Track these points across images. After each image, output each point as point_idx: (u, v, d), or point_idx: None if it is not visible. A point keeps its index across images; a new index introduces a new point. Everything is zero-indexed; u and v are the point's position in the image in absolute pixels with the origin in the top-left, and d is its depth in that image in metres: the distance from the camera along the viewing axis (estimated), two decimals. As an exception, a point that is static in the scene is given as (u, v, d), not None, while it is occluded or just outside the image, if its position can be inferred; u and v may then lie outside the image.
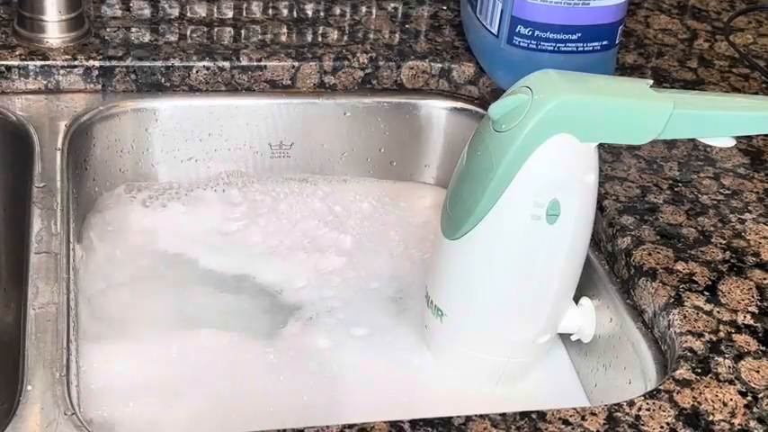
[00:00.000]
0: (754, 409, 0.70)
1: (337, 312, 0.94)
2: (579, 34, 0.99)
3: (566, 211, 0.77)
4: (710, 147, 0.96)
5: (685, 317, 0.77)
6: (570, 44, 0.99)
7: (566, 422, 0.68)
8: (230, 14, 1.11)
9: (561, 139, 0.75)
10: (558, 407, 0.69)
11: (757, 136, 0.99)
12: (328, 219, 1.04)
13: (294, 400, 0.85)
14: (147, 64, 1.01)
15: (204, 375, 0.86)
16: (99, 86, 1.01)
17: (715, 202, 0.90)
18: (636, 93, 0.77)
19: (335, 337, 0.91)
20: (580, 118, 0.75)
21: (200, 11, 1.11)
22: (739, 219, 0.88)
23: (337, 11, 1.14)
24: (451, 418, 0.68)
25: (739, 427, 0.69)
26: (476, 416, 0.68)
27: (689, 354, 0.74)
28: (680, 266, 0.82)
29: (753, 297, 0.80)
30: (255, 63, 1.04)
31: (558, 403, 0.72)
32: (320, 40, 1.08)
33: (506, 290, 0.81)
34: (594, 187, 0.78)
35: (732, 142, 0.81)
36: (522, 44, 0.99)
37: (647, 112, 0.76)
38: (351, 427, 0.65)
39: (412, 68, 1.07)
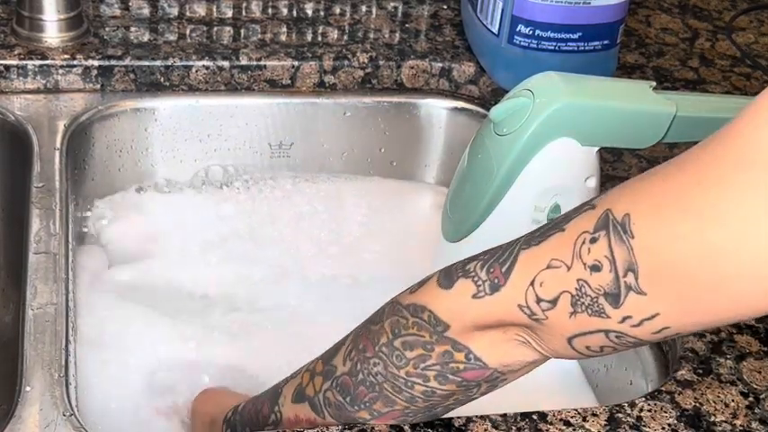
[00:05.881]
0: (756, 410, 0.70)
1: (338, 312, 0.93)
2: (580, 33, 0.98)
3: (567, 214, 0.77)
4: (712, 146, 0.95)
5: (687, 317, 0.77)
6: (571, 43, 0.99)
7: (567, 423, 0.68)
8: (230, 14, 1.10)
9: (562, 143, 0.74)
10: (561, 407, 0.69)
11: (758, 136, 0.99)
12: (328, 219, 1.04)
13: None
14: (147, 63, 1.01)
15: (205, 372, 0.86)
16: (98, 86, 1.01)
17: (716, 201, 0.90)
18: (638, 97, 0.77)
19: (335, 338, 0.91)
20: (581, 122, 0.75)
21: (200, 10, 1.10)
22: (741, 219, 0.88)
23: (337, 10, 1.13)
24: (452, 419, 0.67)
25: (741, 427, 0.69)
26: (476, 417, 0.68)
27: (690, 354, 0.74)
28: (681, 267, 0.82)
29: (754, 297, 0.80)
30: (255, 62, 1.03)
31: (561, 403, 0.72)
32: (320, 39, 1.08)
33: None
34: (596, 191, 0.78)
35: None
36: (522, 43, 0.99)
37: (649, 118, 0.76)
38: (351, 427, 0.65)
39: (412, 68, 1.07)
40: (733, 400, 0.71)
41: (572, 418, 0.68)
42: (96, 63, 1.00)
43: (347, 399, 0.63)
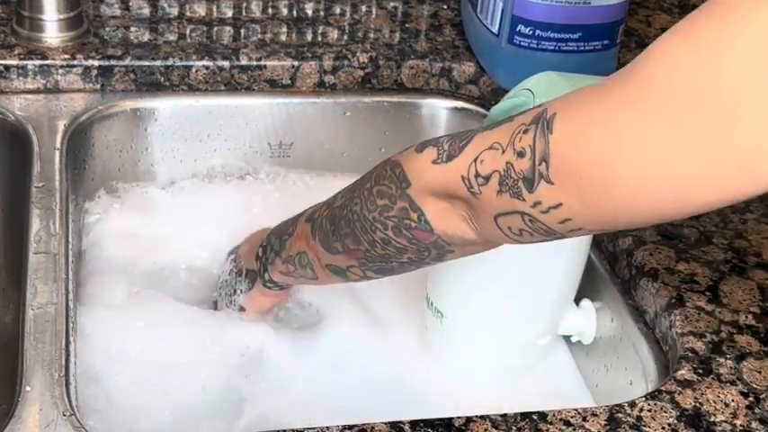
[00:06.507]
0: (756, 410, 0.70)
1: (338, 312, 0.93)
2: (580, 33, 0.98)
3: (567, 212, 0.77)
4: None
5: (687, 317, 0.77)
6: (571, 43, 0.99)
7: (567, 423, 0.68)
8: (230, 14, 1.10)
9: (562, 141, 0.74)
10: (561, 407, 0.69)
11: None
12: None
13: (296, 399, 0.85)
14: (147, 63, 1.01)
15: (206, 370, 0.86)
16: (98, 86, 1.01)
17: (716, 201, 0.90)
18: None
19: (335, 337, 0.91)
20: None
21: (200, 10, 1.10)
22: (741, 219, 0.88)
23: (337, 10, 1.13)
24: (452, 418, 0.67)
25: (741, 427, 0.69)
26: (476, 416, 0.68)
27: (690, 354, 0.74)
28: (681, 267, 0.82)
29: (754, 297, 0.80)
30: (255, 62, 1.03)
31: (561, 403, 0.72)
32: (320, 39, 1.08)
33: (506, 292, 0.81)
34: (595, 187, 0.78)
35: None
36: (522, 43, 0.99)
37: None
38: (351, 427, 0.65)
39: (412, 68, 1.07)
40: (733, 400, 0.71)
41: (572, 418, 0.68)
42: (96, 63, 1.00)
43: (331, 228, 0.73)
